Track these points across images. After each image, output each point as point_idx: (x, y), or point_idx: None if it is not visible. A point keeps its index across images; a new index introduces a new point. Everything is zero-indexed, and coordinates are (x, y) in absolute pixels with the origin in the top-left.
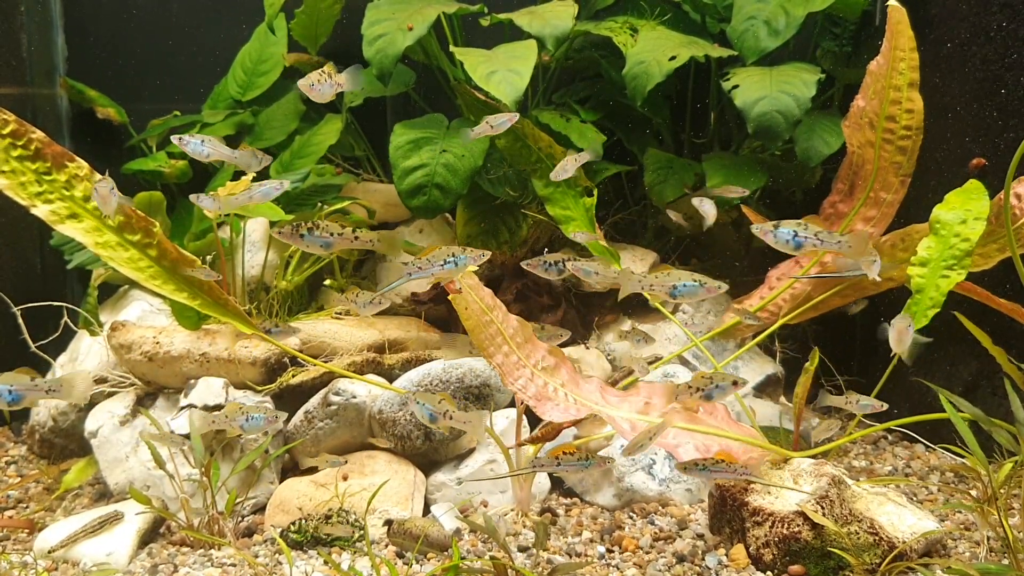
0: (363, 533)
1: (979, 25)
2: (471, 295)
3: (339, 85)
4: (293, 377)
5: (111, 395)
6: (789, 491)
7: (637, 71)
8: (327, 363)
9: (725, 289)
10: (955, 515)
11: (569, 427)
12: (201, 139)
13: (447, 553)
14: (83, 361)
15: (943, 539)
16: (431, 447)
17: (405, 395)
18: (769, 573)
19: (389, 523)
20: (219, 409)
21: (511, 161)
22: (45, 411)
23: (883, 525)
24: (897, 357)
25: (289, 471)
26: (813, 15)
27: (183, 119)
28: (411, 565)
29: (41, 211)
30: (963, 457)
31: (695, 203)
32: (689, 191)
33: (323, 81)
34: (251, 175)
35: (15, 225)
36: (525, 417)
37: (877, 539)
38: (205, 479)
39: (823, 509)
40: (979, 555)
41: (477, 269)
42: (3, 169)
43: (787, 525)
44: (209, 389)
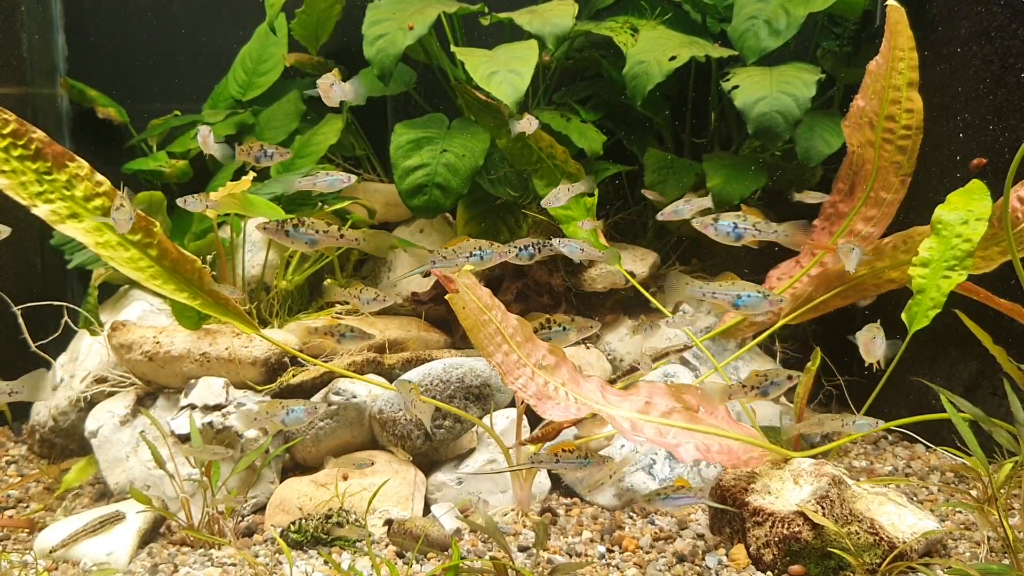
0: (364, 533)
1: (979, 25)
2: (468, 294)
3: (343, 92)
4: (293, 377)
5: (111, 395)
6: (789, 491)
7: (637, 71)
8: (327, 363)
9: (786, 303)
10: (955, 515)
11: (569, 427)
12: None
13: (447, 553)
14: (83, 361)
15: (943, 539)
16: (431, 447)
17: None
18: (769, 573)
19: (389, 523)
20: (219, 409)
21: (512, 161)
22: (45, 411)
23: (883, 525)
24: (898, 357)
25: (289, 471)
26: (814, 15)
27: (183, 119)
28: (411, 565)
29: (41, 211)
30: (962, 458)
31: (680, 208)
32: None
33: (337, 85)
34: (251, 175)
35: (15, 225)
36: (525, 417)
37: (877, 539)
38: (205, 479)
39: (823, 509)
40: (979, 555)
41: (475, 269)
42: (4, 169)
43: (787, 525)
44: (209, 389)
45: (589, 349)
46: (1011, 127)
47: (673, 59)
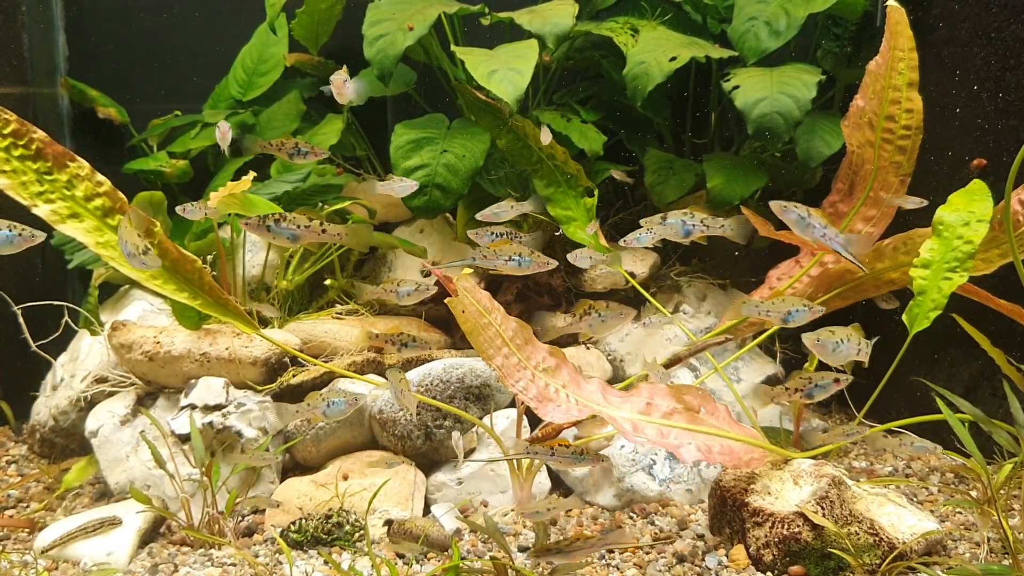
0: (364, 533)
1: (980, 26)
2: (467, 297)
3: (354, 90)
4: (294, 377)
5: (112, 395)
6: (789, 492)
7: (638, 71)
8: (327, 363)
9: (823, 311)
10: (955, 516)
11: (569, 427)
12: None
13: (447, 553)
14: (84, 361)
15: (943, 540)
16: (431, 447)
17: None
18: (769, 574)
19: (389, 523)
20: (219, 409)
21: (512, 161)
22: (46, 411)
23: (883, 526)
24: (898, 358)
25: (289, 471)
26: (814, 16)
27: (184, 119)
28: (411, 565)
29: (42, 211)
30: (960, 458)
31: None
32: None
33: (349, 82)
34: (251, 175)
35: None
36: (525, 417)
37: (877, 540)
38: (205, 479)
39: (823, 510)
40: (979, 556)
41: (473, 271)
42: (4, 169)
43: (787, 526)
44: (209, 389)
45: (589, 349)
46: (1011, 128)
47: (673, 60)
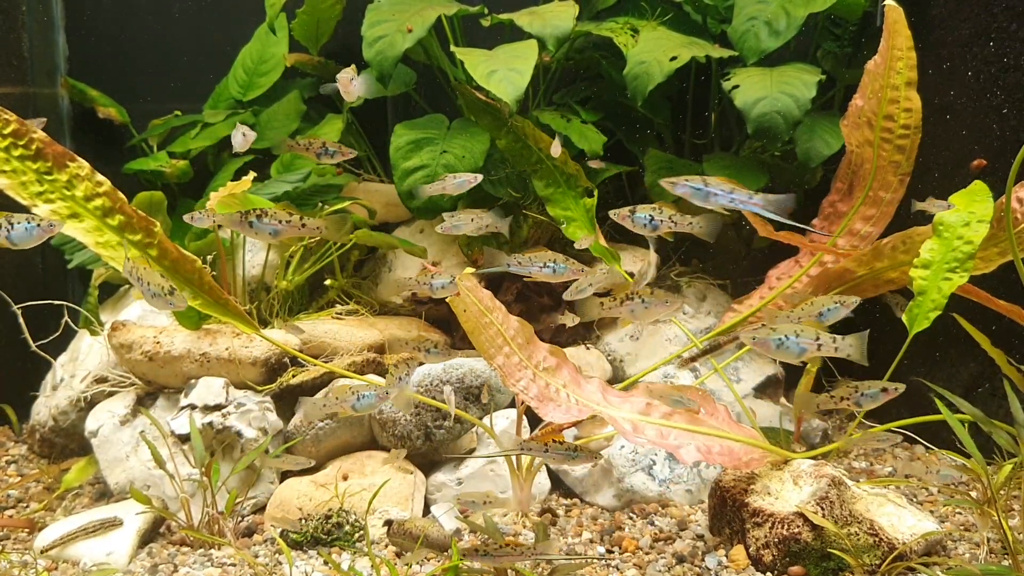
0: (363, 533)
1: (980, 26)
2: (469, 297)
3: (361, 87)
4: (293, 377)
5: (111, 395)
6: (789, 492)
7: (638, 71)
8: (327, 363)
9: (857, 302)
10: (955, 516)
11: (569, 427)
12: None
13: (447, 553)
14: (84, 360)
15: (943, 540)
16: (431, 447)
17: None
18: (769, 574)
19: (389, 523)
20: (219, 409)
21: (512, 162)
22: (46, 411)
23: (883, 526)
24: (898, 358)
25: (289, 471)
26: (814, 16)
27: (184, 119)
28: (411, 565)
29: (42, 211)
30: (960, 459)
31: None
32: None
33: (356, 80)
34: (251, 175)
35: None
36: (525, 417)
37: (877, 540)
38: (205, 479)
39: (823, 510)
40: (979, 556)
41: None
42: (4, 169)
43: (787, 526)
44: (209, 389)
45: (589, 350)
46: (1011, 128)
47: (674, 60)
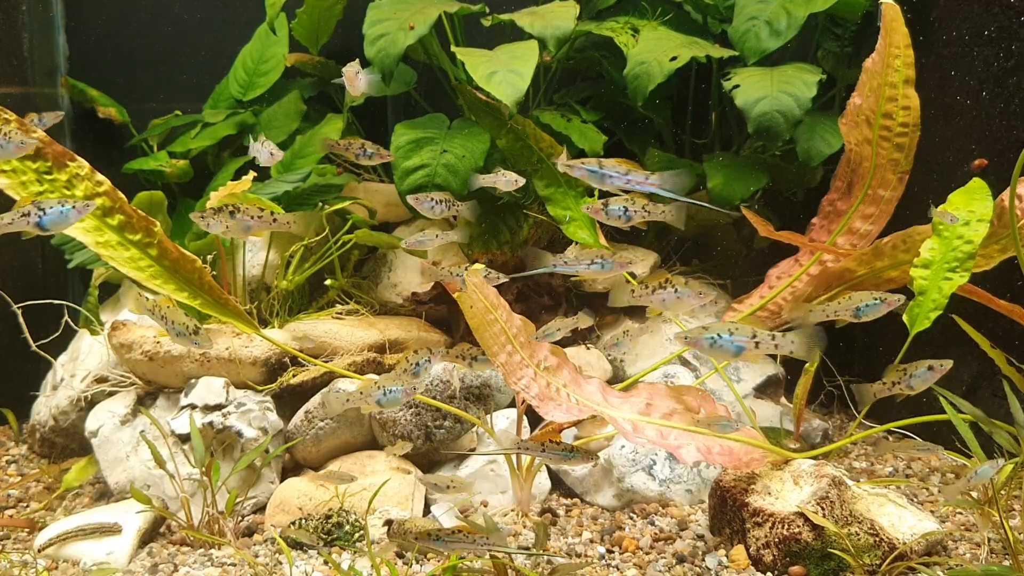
0: (364, 533)
1: (980, 26)
2: (476, 294)
3: (367, 82)
4: (294, 377)
5: (112, 395)
6: (790, 492)
7: (638, 71)
8: (327, 363)
9: (903, 301)
10: (956, 516)
11: (570, 427)
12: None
13: (447, 553)
14: (84, 360)
15: (944, 540)
16: (431, 447)
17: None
18: (769, 574)
19: (389, 523)
20: (219, 409)
21: (512, 161)
22: (46, 410)
23: (883, 526)
24: (899, 358)
25: (289, 471)
26: (814, 16)
27: (184, 118)
28: (411, 565)
29: None
30: (961, 459)
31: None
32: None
33: (362, 74)
34: (251, 175)
35: None
36: (525, 417)
37: (877, 540)
38: (205, 478)
39: (823, 510)
40: (980, 556)
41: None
42: (4, 168)
43: (787, 526)
44: (209, 389)
45: (589, 349)
46: (1012, 128)
47: (674, 59)
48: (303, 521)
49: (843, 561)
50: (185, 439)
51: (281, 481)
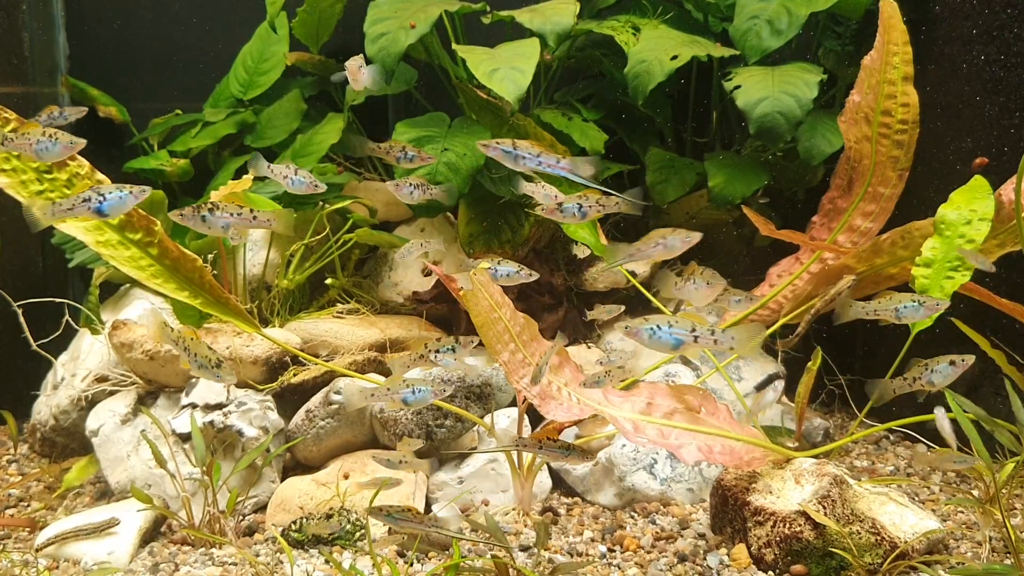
0: (364, 532)
1: (981, 25)
2: (481, 291)
3: (370, 76)
4: (294, 376)
5: (112, 394)
6: (791, 491)
7: (639, 70)
8: (328, 362)
9: (947, 305)
10: (957, 515)
11: (570, 426)
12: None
13: (448, 552)
14: (84, 360)
15: (945, 539)
16: (432, 446)
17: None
18: (771, 573)
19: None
20: (220, 408)
21: None
22: (47, 410)
23: (885, 525)
24: (900, 357)
25: (290, 470)
26: (816, 14)
27: (184, 118)
28: (412, 564)
29: None
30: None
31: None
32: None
33: (365, 68)
34: (252, 175)
35: (17, 223)
36: (526, 416)
37: (879, 539)
38: (206, 478)
39: (825, 509)
40: (981, 555)
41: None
42: (4, 167)
43: (789, 525)
44: (210, 388)
45: (590, 349)
46: (1012, 127)
47: (675, 58)
48: (304, 520)
49: (844, 560)
50: (186, 438)
51: (282, 480)
